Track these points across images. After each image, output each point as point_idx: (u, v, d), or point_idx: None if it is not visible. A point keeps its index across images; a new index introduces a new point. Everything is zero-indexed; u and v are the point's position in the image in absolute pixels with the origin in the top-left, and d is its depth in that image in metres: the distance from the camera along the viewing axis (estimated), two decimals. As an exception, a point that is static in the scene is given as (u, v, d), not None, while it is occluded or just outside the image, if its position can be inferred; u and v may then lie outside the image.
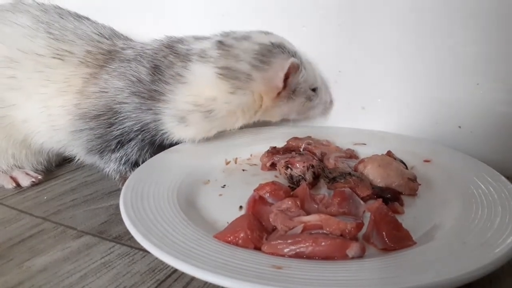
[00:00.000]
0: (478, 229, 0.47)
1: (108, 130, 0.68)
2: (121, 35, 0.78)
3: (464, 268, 0.39)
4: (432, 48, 0.75)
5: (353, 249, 0.44)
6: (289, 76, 0.70)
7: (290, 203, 0.52)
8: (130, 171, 0.72)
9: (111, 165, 0.72)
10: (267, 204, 0.55)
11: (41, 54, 0.68)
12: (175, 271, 0.48)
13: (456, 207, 0.54)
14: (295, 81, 0.72)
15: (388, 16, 0.77)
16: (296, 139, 0.75)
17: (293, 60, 0.70)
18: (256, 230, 0.47)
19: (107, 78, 0.68)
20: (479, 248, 0.43)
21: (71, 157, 0.76)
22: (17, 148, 0.73)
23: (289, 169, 0.64)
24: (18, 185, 0.73)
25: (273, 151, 0.72)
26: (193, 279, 0.47)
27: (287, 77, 0.70)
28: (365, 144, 0.76)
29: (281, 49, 0.71)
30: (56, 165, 0.82)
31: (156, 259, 0.47)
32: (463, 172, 0.62)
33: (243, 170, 0.70)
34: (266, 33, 0.73)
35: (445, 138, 0.76)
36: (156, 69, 0.68)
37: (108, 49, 0.71)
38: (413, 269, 0.41)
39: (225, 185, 0.65)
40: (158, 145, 0.73)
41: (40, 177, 0.75)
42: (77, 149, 0.72)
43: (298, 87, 0.73)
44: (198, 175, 0.66)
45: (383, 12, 0.77)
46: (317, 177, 0.64)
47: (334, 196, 0.54)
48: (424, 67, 0.77)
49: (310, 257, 0.44)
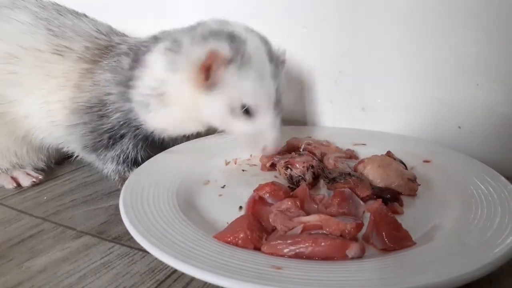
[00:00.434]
0: (477, 229, 0.47)
1: (99, 123, 0.68)
2: (119, 32, 0.78)
3: (463, 268, 0.39)
4: (432, 48, 0.75)
5: (353, 249, 0.44)
6: (210, 65, 0.60)
7: (289, 203, 0.52)
8: (129, 171, 0.71)
9: (108, 165, 0.72)
10: (266, 204, 0.55)
11: (41, 49, 0.68)
12: (175, 271, 0.48)
13: (455, 207, 0.54)
14: (219, 75, 0.61)
15: (388, 16, 0.77)
16: (296, 139, 0.75)
17: (215, 48, 0.60)
18: (255, 230, 0.47)
19: (100, 72, 0.68)
20: (479, 248, 0.43)
21: (70, 153, 0.76)
22: (18, 145, 0.73)
23: (289, 169, 0.64)
24: (18, 185, 0.73)
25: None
26: (192, 279, 0.47)
27: (208, 66, 0.61)
28: (365, 144, 0.76)
29: (225, 37, 0.61)
30: (55, 163, 0.82)
31: (155, 259, 0.47)
32: (463, 172, 0.62)
33: (243, 170, 0.70)
34: (229, 23, 0.65)
35: (445, 138, 0.76)
36: (135, 58, 0.68)
37: (105, 45, 0.71)
38: (413, 270, 0.41)
39: (225, 186, 0.65)
40: (152, 142, 0.72)
41: (40, 177, 0.75)
42: (74, 145, 0.73)
43: (221, 85, 0.62)
44: (198, 176, 0.66)
45: (384, 12, 0.77)
46: (316, 178, 0.64)
47: (334, 196, 0.54)
48: (424, 68, 0.77)
49: (309, 257, 0.44)
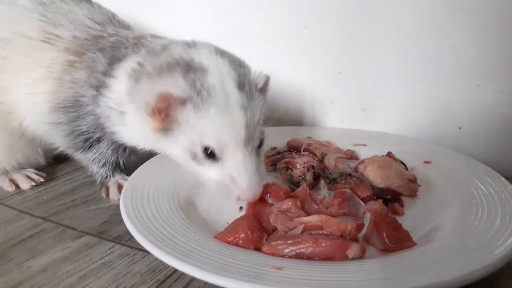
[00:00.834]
0: (478, 230, 0.47)
1: (75, 124, 0.64)
2: (121, 22, 0.72)
3: (464, 269, 0.39)
4: (432, 48, 0.75)
5: (353, 250, 0.44)
6: (162, 108, 0.51)
7: (290, 203, 0.52)
8: (112, 176, 0.69)
9: (91, 166, 0.69)
10: (267, 205, 0.55)
11: (32, 36, 0.65)
12: (175, 271, 0.48)
13: (456, 208, 0.54)
14: (173, 116, 0.52)
15: (388, 17, 0.77)
16: (296, 140, 0.75)
17: (165, 89, 0.51)
18: (256, 230, 0.48)
19: (79, 68, 0.63)
20: (479, 249, 0.43)
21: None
22: (16, 140, 0.71)
23: (290, 169, 0.64)
24: (18, 187, 0.73)
25: (274, 152, 0.72)
26: (193, 279, 0.46)
27: (160, 109, 0.52)
28: (365, 145, 0.76)
29: (181, 70, 0.52)
30: (55, 161, 0.81)
31: (156, 259, 0.47)
32: (463, 173, 0.62)
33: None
34: (195, 47, 0.57)
35: (445, 139, 0.76)
36: (111, 62, 0.61)
37: (95, 35, 0.65)
38: (413, 270, 0.41)
39: (225, 186, 0.64)
40: (134, 150, 0.66)
41: (42, 179, 0.74)
42: (58, 144, 0.69)
43: (177, 127, 0.52)
44: (198, 176, 0.66)
45: (384, 12, 0.77)
46: (317, 178, 0.64)
47: (334, 197, 0.54)
48: (424, 68, 0.77)
49: (310, 257, 0.44)
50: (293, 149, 0.74)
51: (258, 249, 0.46)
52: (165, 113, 0.52)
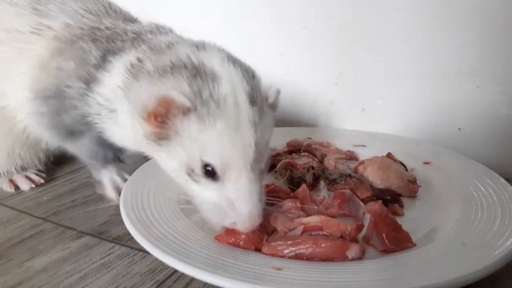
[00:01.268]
0: (478, 231, 0.47)
1: (57, 117, 0.61)
2: (122, 14, 0.69)
3: (464, 269, 0.39)
4: (432, 49, 0.75)
5: (353, 250, 0.44)
6: (161, 113, 0.46)
7: (290, 204, 0.52)
8: (103, 168, 0.66)
9: (81, 157, 0.67)
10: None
11: (22, 31, 0.63)
12: (175, 272, 0.48)
13: (456, 209, 0.54)
14: (173, 125, 0.47)
15: (389, 17, 0.77)
16: (296, 140, 0.75)
17: (168, 94, 0.45)
18: (256, 231, 0.47)
19: (69, 56, 0.59)
20: (479, 249, 0.43)
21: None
22: (19, 144, 0.70)
23: (289, 170, 0.64)
24: (17, 188, 0.73)
25: (273, 153, 0.72)
26: (193, 280, 0.46)
27: (158, 115, 0.47)
28: (365, 146, 0.76)
29: (188, 75, 0.47)
30: (55, 162, 0.81)
31: (156, 259, 0.47)
32: (463, 174, 0.62)
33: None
34: (205, 49, 0.52)
35: (445, 140, 0.76)
36: (104, 56, 0.57)
37: (91, 26, 0.62)
38: (413, 271, 0.41)
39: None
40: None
41: (42, 180, 0.74)
42: (50, 139, 0.67)
43: (175, 138, 0.47)
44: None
45: (384, 13, 0.77)
46: (317, 179, 0.64)
47: (334, 197, 0.54)
48: (424, 69, 0.77)
49: (310, 258, 0.44)
50: (293, 149, 0.74)
51: (258, 249, 0.46)
52: (162, 119, 0.47)
